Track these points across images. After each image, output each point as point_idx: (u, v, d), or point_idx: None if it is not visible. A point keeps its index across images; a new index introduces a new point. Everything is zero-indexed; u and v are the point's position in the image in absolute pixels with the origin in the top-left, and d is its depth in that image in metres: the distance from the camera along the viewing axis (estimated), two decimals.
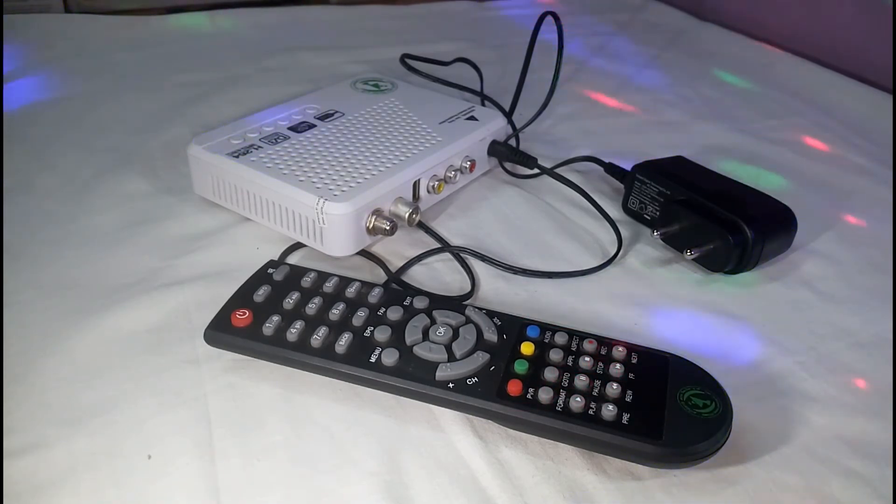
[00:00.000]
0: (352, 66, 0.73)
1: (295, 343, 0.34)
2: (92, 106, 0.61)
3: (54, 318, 0.38)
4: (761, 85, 0.76)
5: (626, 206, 0.50)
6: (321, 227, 0.41)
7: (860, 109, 0.70)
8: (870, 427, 0.34)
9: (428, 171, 0.47)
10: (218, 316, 0.35)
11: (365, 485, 0.30)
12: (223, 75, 0.69)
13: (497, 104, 0.60)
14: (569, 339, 0.34)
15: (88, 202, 0.48)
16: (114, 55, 0.72)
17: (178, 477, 0.30)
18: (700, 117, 0.68)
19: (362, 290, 0.37)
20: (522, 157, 0.52)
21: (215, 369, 0.35)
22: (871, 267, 0.47)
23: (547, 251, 0.46)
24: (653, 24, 0.94)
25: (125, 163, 0.53)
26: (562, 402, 0.31)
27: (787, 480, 0.31)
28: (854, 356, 0.39)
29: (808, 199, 0.54)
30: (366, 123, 0.51)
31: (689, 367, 0.33)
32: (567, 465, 0.31)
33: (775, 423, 0.34)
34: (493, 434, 0.33)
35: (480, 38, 0.84)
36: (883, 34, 0.74)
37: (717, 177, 0.48)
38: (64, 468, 0.30)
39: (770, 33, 0.87)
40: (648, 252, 0.47)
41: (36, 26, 0.76)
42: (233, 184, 0.45)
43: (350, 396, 0.34)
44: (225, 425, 0.32)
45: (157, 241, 0.44)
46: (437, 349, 0.33)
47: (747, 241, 0.42)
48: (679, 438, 0.30)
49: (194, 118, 0.60)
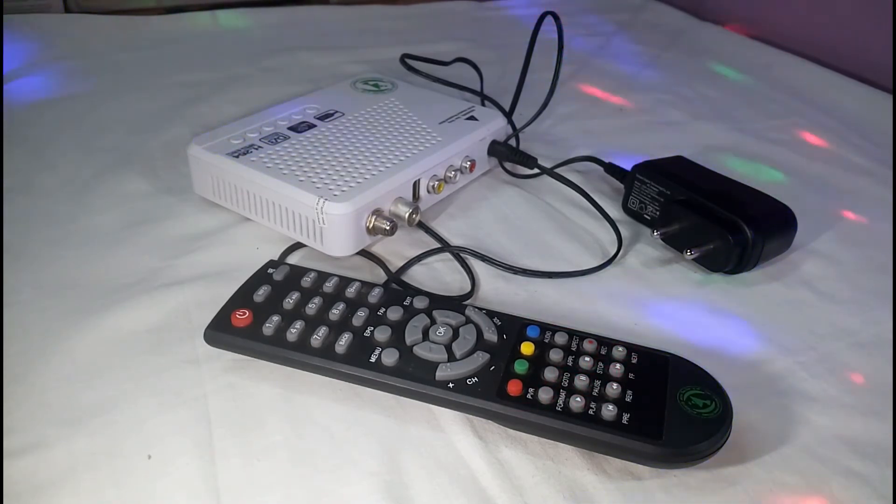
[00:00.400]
0: (352, 66, 0.73)
1: (295, 343, 0.34)
2: (92, 106, 0.61)
3: (54, 318, 0.38)
4: (761, 84, 0.76)
5: (626, 206, 0.50)
6: (321, 227, 0.41)
7: (860, 109, 0.70)
8: (870, 427, 0.34)
9: (428, 171, 0.47)
10: (218, 316, 0.35)
11: (365, 485, 0.30)
12: (223, 75, 0.69)
13: (497, 104, 0.60)
14: (569, 339, 0.34)
15: (88, 202, 0.48)
16: (114, 55, 0.72)
17: (178, 477, 0.30)
18: (700, 117, 0.68)
19: (362, 290, 0.37)
20: (522, 157, 0.52)
21: (215, 369, 0.35)
22: (871, 267, 0.47)
23: (547, 251, 0.46)
24: (653, 24, 0.94)
25: (125, 163, 0.53)
26: (562, 402, 0.31)
27: (787, 480, 0.31)
28: (854, 356, 0.39)
29: (808, 198, 0.54)
30: (366, 123, 0.51)
31: (689, 367, 0.33)
32: (567, 465, 0.31)
33: (775, 423, 0.34)
34: (493, 434, 0.33)
35: (480, 38, 0.84)
36: (883, 34, 0.74)
37: (717, 177, 0.48)
38: (64, 468, 0.30)
39: (770, 33, 0.87)
40: (648, 252, 0.47)
41: (36, 26, 0.76)
42: (233, 184, 0.45)
43: (350, 396, 0.34)
44: (225, 425, 0.32)
45: (157, 241, 0.44)
46: (437, 349, 0.33)
47: (747, 241, 0.42)
48: (679, 438, 0.30)
49: (194, 118, 0.60)
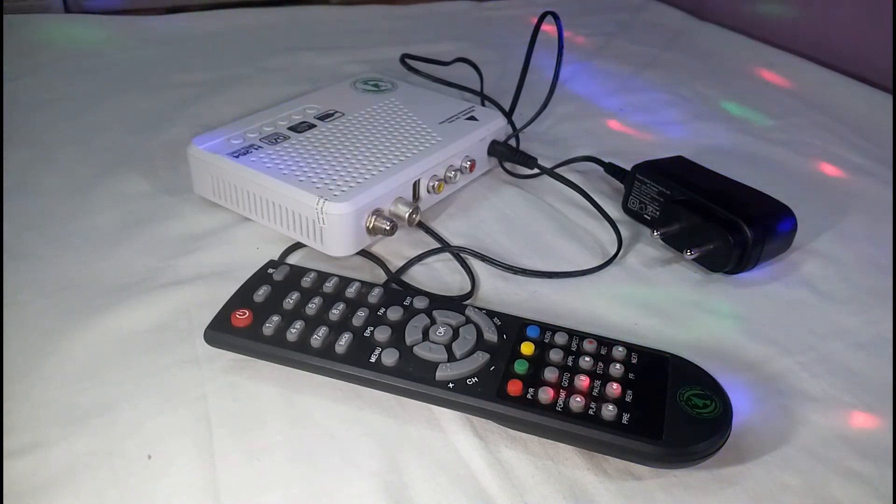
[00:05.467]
0: (352, 66, 0.73)
1: (295, 343, 0.34)
2: (92, 106, 0.61)
3: (54, 318, 0.38)
4: (760, 84, 0.76)
5: (626, 206, 0.50)
6: (321, 227, 0.41)
7: (860, 109, 0.70)
8: (870, 427, 0.34)
9: (428, 171, 0.47)
10: (218, 316, 0.35)
11: (365, 485, 0.30)
12: (223, 75, 0.69)
13: (497, 104, 0.60)
14: (569, 339, 0.34)
15: (88, 202, 0.48)
16: (114, 55, 0.72)
17: (178, 477, 0.30)
18: (700, 117, 0.68)
19: (362, 290, 0.37)
20: (522, 157, 0.52)
21: (215, 369, 0.35)
22: (871, 267, 0.47)
23: (547, 251, 0.46)
24: (653, 24, 0.94)
25: (125, 162, 0.53)
26: (562, 402, 0.31)
27: (787, 480, 0.31)
28: (854, 356, 0.39)
29: (808, 198, 0.54)
30: (366, 123, 0.51)
31: (689, 367, 0.33)
32: (567, 465, 0.31)
33: (775, 423, 0.34)
34: (493, 434, 0.33)
35: (480, 38, 0.84)
36: (883, 34, 0.74)
37: (717, 177, 0.48)
38: (64, 468, 0.30)
39: (770, 33, 0.87)
40: (648, 252, 0.47)
41: (36, 26, 0.76)
42: (233, 184, 0.45)
43: (350, 396, 0.34)
44: (225, 425, 0.32)
45: (157, 241, 0.44)
46: (437, 349, 0.33)
47: (747, 241, 0.42)
48: (679, 438, 0.30)
49: (194, 118, 0.60)
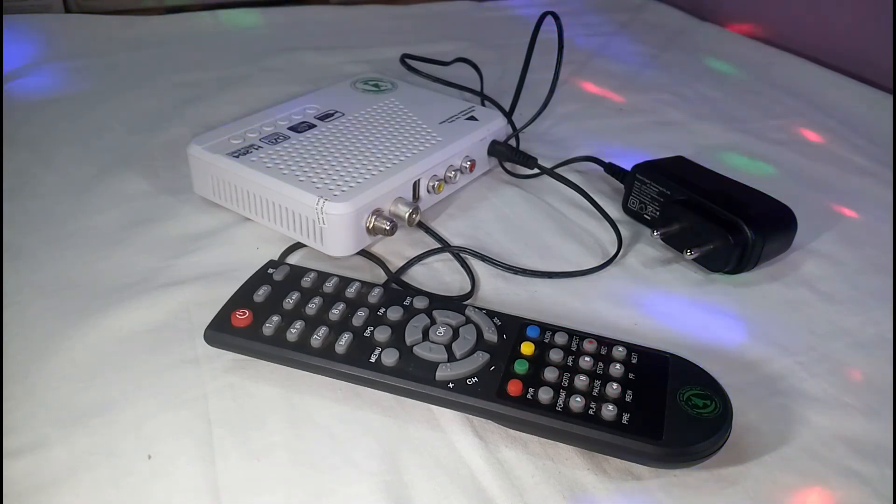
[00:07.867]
0: (352, 66, 0.73)
1: (295, 343, 0.34)
2: (92, 106, 0.61)
3: (54, 318, 0.38)
4: (761, 84, 0.76)
5: (626, 206, 0.50)
6: (321, 227, 0.41)
7: (860, 109, 0.70)
8: (870, 427, 0.34)
9: (428, 171, 0.47)
10: (218, 316, 0.35)
11: (365, 485, 0.30)
12: (223, 75, 0.69)
13: (497, 104, 0.60)
14: (569, 339, 0.34)
15: (88, 202, 0.48)
16: (114, 55, 0.72)
17: (178, 477, 0.30)
18: (700, 117, 0.68)
19: (362, 290, 0.37)
20: (522, 157, 0.52)
21: (215, 369, 0.35)
22: (871, 267, 0.47)
23: (547, 251, 0.46)
24: (653, 24, 0.94)
25: (125, 162, 0.53)
26: (562, 402, 0.31)
27: (787, 480, 0.31)
28: (854, 356, 0.39)
29: (809, 198, 0.54)
30: (366, 123, 0.51)
31: (689, 367, 0.33)
32: (567, 465, 0.31)
33: (775, 423, 0.34)
34: (493, 434, 0.33)
35: (480, 38, 0.84)
36: (883, 34, 0.74)
37: (717, 177, 0.48)
38: (64, 468, 0.30)
39: (770, 33, 0.87)
40: (648, 252, 0.47)
41: (36, 26, 0.76)
42: (233, 184, 0.45)
43: (350, 396, 0.34)
44: (225, 425, 0.32)
45: (157, 241, 0.44)
46: (437, 349, 0.33)
47: (747, 241, 0.42)
48: (679, 438, 0.30)
49: (194, 118, 0.60)
